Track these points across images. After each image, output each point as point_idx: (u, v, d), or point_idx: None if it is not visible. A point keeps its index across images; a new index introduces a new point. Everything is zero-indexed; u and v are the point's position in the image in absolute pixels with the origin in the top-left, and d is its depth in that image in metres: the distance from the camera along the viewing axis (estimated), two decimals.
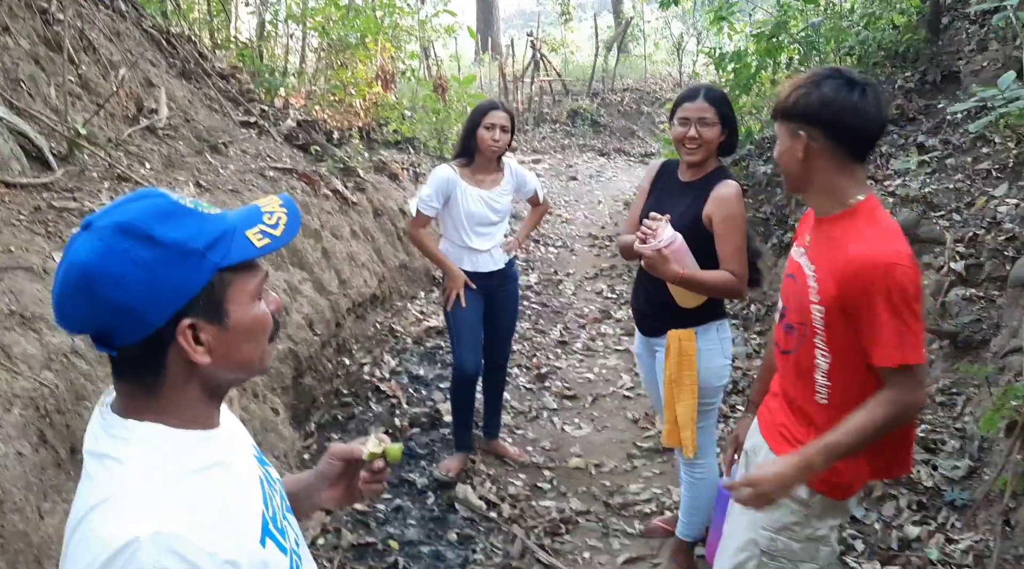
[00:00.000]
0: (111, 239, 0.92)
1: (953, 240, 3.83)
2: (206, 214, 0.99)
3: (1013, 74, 3.17)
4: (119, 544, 0.88)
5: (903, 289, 1.63)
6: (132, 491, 0.93)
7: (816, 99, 1.72)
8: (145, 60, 4.53)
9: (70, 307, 0.94)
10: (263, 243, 1.02)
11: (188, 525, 0.93)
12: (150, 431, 0.98)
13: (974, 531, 2.63)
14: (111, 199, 3.25)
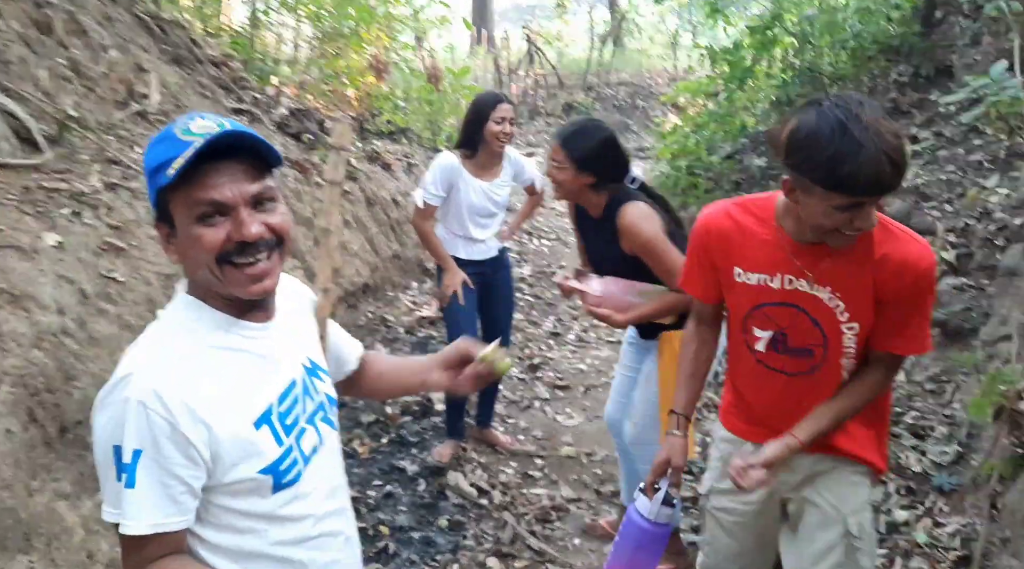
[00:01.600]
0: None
1: (945, 230, 3.85)
2: (175, 136, 1.12)
3: (1005, 63, 3.18)
4: (121, 373, 1.10)
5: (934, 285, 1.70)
6: (149, 338, 1.16)
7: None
8: (136, 45, 4.51)
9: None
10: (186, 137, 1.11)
11: (180, 377, 1.10)
12: (188, 303, 1.20)
13: (961, 515, 2.64)
14: (102, 182, 3.24)
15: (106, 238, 2.97)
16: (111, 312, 2.76)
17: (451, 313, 3.62)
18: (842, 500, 1.87)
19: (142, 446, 1.06)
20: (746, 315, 1.83)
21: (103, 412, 1.10)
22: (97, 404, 1.11)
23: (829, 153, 1.46)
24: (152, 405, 1.06)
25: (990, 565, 2.39)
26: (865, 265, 1.66)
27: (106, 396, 1.10)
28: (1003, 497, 2.51)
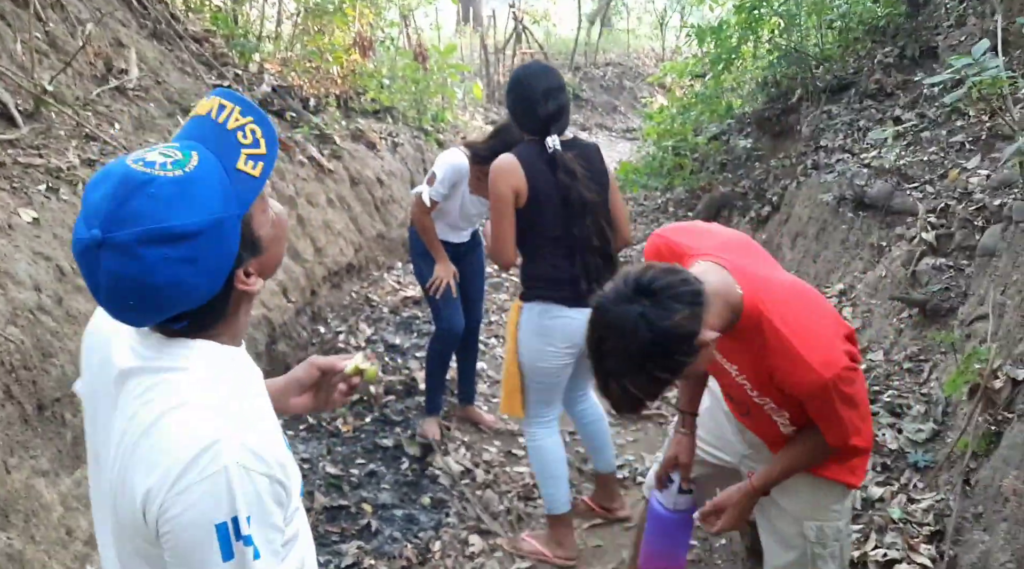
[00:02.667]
0: (144, 251, 0.92)
1: (925, 211, 3.87)
2: (193, 174, 0.96)
3: (987, 42, 3.18)
4: (203, 444, 0.96)
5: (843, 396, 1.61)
6: (202, 397, 1.01)
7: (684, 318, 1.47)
8: (115, 19, 4.44)
9: (137, 312, 0.98)
10: (259, 169, 1.02)
11: (255, 428, 1.03)
12: (206, 347, 1.05)
13: (935, 491, 2.68)
14: (79, 158, 3.19)
15: None
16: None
17: (438, 301, 3.62)
18: (802, 504, 1.90)
19: (250, 511, 0.97)
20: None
21: (192, 491, 0.95)
22: (173, 487, 0.95)
23: None
24: (251, 464, 0.98)
25: (962, 540, 2.43)
26: (761, 359, 1.62)
27: (188, 474, 0.95)
28: (976, 473, 2.55)
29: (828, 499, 1.89)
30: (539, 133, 2.65)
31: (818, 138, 5.75)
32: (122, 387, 1.05)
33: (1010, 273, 2.96)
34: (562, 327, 2.71)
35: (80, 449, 2.42)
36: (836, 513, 1.91)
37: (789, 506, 1.93)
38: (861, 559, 2.49)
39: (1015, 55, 4.45)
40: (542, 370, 2.80)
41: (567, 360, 2.80)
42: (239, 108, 1.02)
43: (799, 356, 1.54)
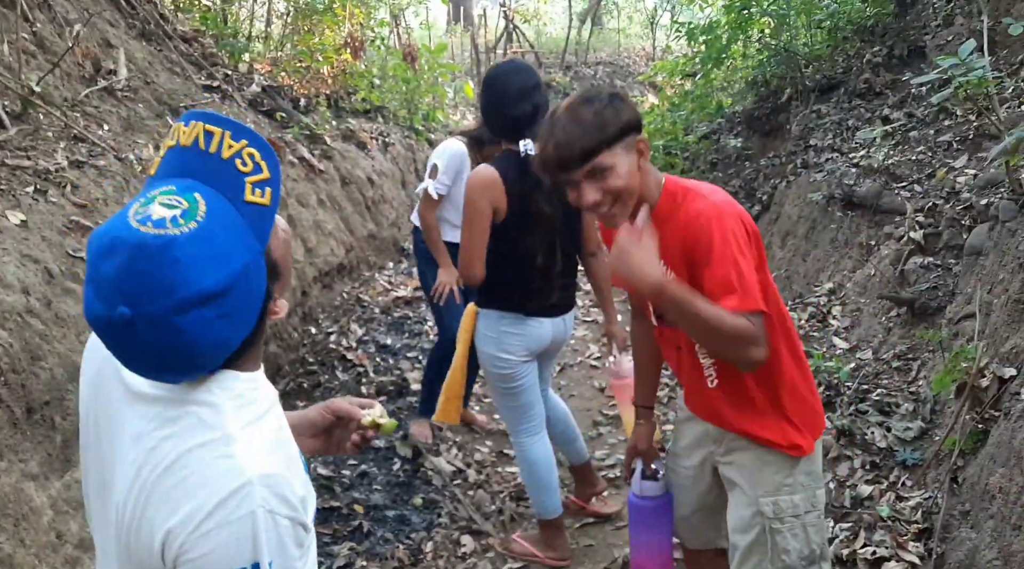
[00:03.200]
0: (179, 320, 0.88)
1: (913, 210, 3.90)
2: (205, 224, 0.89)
3: (973, 42, 3.21)
4: (233, 486, 0.93)
5: (731, 232, 1.66)
6: (231, 436, 0.97)
7: (622, 108, 1.69)
8: (103, 19, 4.42)
9: (179, 370, 0.95)
10: (267, 197, 0.96)
11: (282, 467, 0.99)
12: (230, 378, 1.01)
13: (923, 489, 2.70)
14: (67, 159, 3.18)
15: (72, 217, 2.93)
16: (78, 292, 2.72)
17: (442, 309, 3.61)
18: (753, 482, 1.90)
19: (272, 556, 0.94)
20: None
21: (216, 535, 0.92)
22: (197, 529, 0.92)
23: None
24: (278, 509, 0.95)
25: (950, 537, 2.45)
26: (678, 234, 1.72)
27: (214, 517, 0.92)
28: (963, 471, 2.57)
29: (773, 470, 1.87)
30: (511, 137, 2.57)
31: (807, 137, 5.78)
32: (134, 410, 1.00)
33: (997, 272, 2.98)
34: (519, 334, 2.69)
35: (70, 452, 2.42)
36: (789, 487, 1.87)
37: (743, 486, 1.93)
38: (850, 557, 2.51)
39: (1001, 55, 4.48)
40: (499, 376, 2.77)
41: (526, 367, 2.76)
42: (228, 132, 0.95)
43: (698, 194, 1.73)
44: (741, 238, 1.68)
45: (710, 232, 1.65)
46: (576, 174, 1.68)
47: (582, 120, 1.66)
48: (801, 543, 1.89)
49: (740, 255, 1.65)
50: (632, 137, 1.70)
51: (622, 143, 1.68)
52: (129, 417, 1.01)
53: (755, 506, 1.90)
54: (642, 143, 1.72)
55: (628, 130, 1.69)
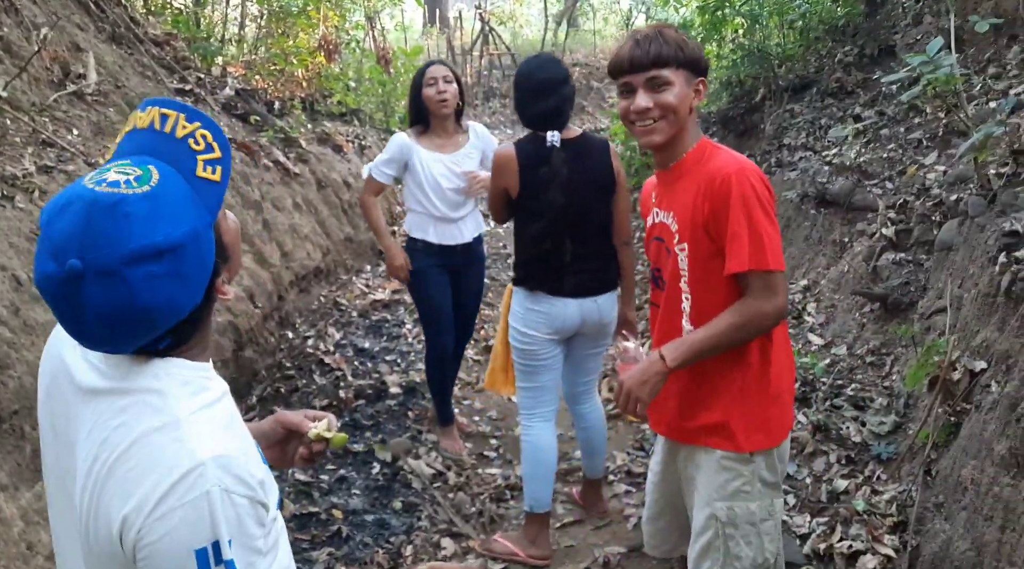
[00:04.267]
0: (130, 273, 0.89)
1: (885, 207, 3.94)
2: (159, 189, 0.94)
3: (941, 40, 3.25)
4: (184, 468, 0.94)
5: (755, 194, 1.71)
6: (181, 420, 0.98)
7: (699, 49, 1.83)
8: (71, 23, 4.35)
9: (129, 336, 0.95)
10: (218, 174, 1.01)
11: (234, 448, 1.00)
12: (178, 365, 1.03)
13: (898, 482, 2.73)
14: (35, 165, 3.13)
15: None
16: None
17: (429, 310, 3.59)
18: (710, 486, 1.89)
19: (231, 535, 0.95)
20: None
21: (171, 517, 0.93)
22: (151, 513, 0.93)
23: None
24: (234, 487, 0.96)
25: (924, 529, 2.48)
26: (695, 187, 1.79)
27: (168, 500, 0.93)
28: (937, 464, 2.60)
29: (731, 475, 1.86)
30: (540, 128, 2.71)
31: (781, 136, 5.83)
32: (87, 407, 1.01)
33: (967, 267, 3.02)
34: (544, 314, 2.77)
35: (39, 462, 2.37)
36: (745, 494, 1.86)
37: (700, 485, 1.93)
38: (827, 552, 2.53)
39: (969, 53, 4.55)
40: (521, 352, 2.86)
41: (550, 347, 2.84)
42: (183, 115, 1.00)
43: (727, 158, 1.80)
44: (762, 195, 1.73)
45: (729, 185, 1.72)
46: (639, 78, 1.79)
47: (666, 36, 1.79)
48: (755, 551, 1.87)
49: (761, 210, 1.71)
50: (695, 76, 1.81)
51: (688, 72, 1.80)
52: (83, 416, 1.01)
53: (710, 508, 1.89)
54: (702, 85, 1.84)
55: (697, 65, 1.81)
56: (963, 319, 2.88)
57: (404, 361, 4.66)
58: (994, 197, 3.06)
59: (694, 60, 1.80)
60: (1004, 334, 2.49)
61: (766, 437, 1.85)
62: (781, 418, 1.89)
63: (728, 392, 1.84)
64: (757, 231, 1.69)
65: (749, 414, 1.83)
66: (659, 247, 1.96)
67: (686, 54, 1.78)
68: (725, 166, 1.75)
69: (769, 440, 1.86)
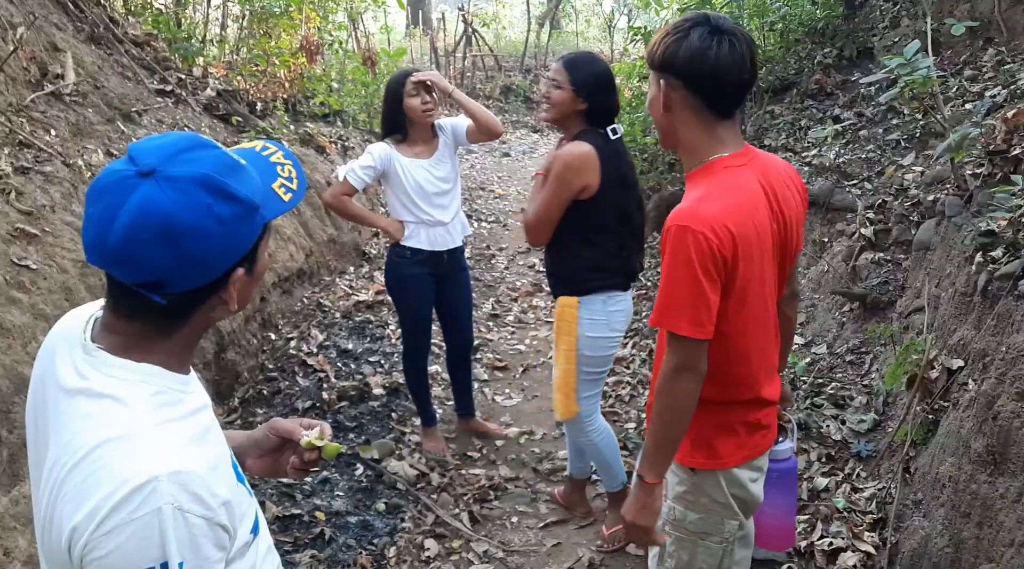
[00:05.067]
0: (194, 192, 0.94)
1: (864, 207, 3.98)
2: (245, 166, 1.03)
3: (918, 44, 3.29)
4: (136, 482, 0.91)
5: (685, 254, 1.56)
6: (141, 431, 0.95)
7: (680, 49, 1.65)
8: (49, 23, 4.31)
9: (143, 255, 0.94)
10: (288, 197, 1.09)
11: (197, 466, 0.96)
12: (151, 373, 1.01)
13: (877, 480, 2.76)
14: (11, 166, 3.10)
15: (17, 224, 2.85)
16: (24, 301, 2.65)
17: (406, 312, 3.58)
18: (668, 482, 1.87)
19: (183, 556, 0.92)
20: None
21: (119, 533, 0.90)
22: (99, 527, 0.90)
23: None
24: (188, 506, 0.93)
25: (903, 526, 2.51)
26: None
27: (117, 514, 0.90)
28: (915, 461, 2.63)
29: (676, 479, 1.84)
30: (605, 122, 2.74)
31: (762, 137, 5.88)
32: (62, 407, 1.00)
33: (944, 266, 3.06)
34: (622, 311, 2.81)
35: (16, 466, 2.35)
36: (687, 502, 1.83)
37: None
38: (808, 549, 2.55)
39: (945, 55, 4.61)
40: (601, 359, 2.85)
41: (618, 344, 2.89)
42: (281, 152, 1.13)
43: (694, 198, 1.65)
44: (698, 260, 1.56)
45: (666, 237, 1.61)
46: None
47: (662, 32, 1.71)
48: (686, 559, 1.86)
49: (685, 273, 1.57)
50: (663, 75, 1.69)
51: (655, 75, 1.71)
52: (60, 416, 1.00)
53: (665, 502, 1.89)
54: (666, 86, 1.69)
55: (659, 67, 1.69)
56: (940, 318, 2.91)
57: (387, 362, 4.65)
58: (970, 197, 3.10)
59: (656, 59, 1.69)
60: (980, 333, 2.53)
61: (707, 460, 1.81)
62: (729, 445, 1.81)
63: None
64: (670, 289, 1.60)
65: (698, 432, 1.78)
66: None
67: (651, 55, 1.70)
68: (671, 218, 1.62)
69: (711, 463, 1.80)
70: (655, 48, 1.69)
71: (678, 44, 1.66)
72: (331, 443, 1.31)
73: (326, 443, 1.30)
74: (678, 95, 1.68)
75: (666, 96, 1.69)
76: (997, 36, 4.40)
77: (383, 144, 3.40)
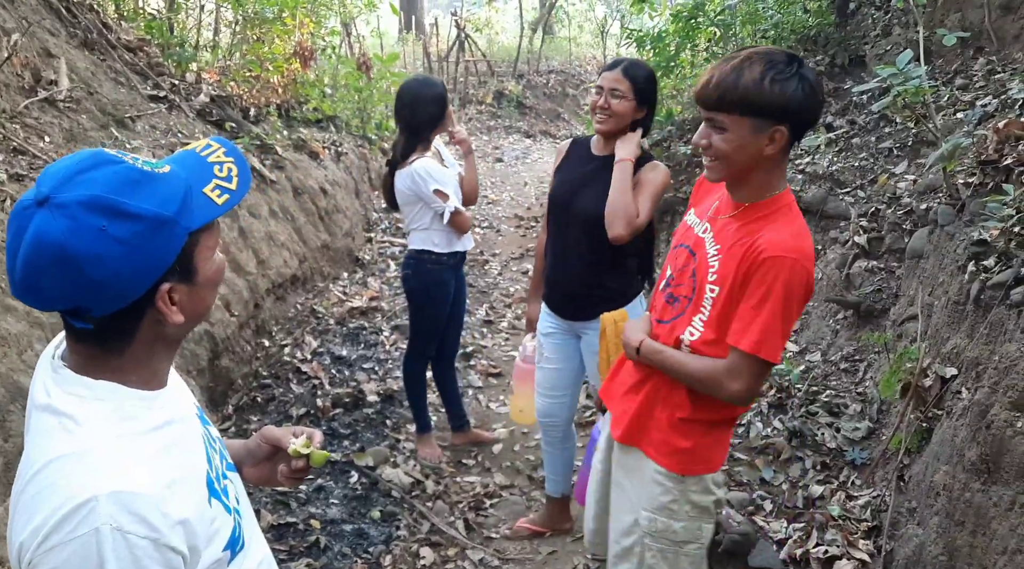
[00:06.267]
0: (84, 217, 0.90)
1: (857, 215, 4.01)
2: (161, 174, 0.97)
3: (910, 53, 3.32)
4: (77, 501, 0.89)
5: (794, 287, 1.61)
6: (90, 449, 0.94)
7: (794, 93, 1.58)
8: (42, 29, 4.29)
9: (47, 286, 0.92)
10: (223, 199, 1.03)
11: (145, 484, 0.94)
12: (108, 390, 0.99)
13: (872, 487, 2.77)
14: (6, 173, 3.08)
15: None
16: (20, 309, 2.64)
17: (429, 318, 3.57)
18: (640, 493, 1.90)
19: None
20: (669, 251, 1.96)
21: (59, 551, 0.89)
22: (41, 545, 0.89)
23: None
24: (130, 527, 0.90)
25: (898, 534, 2.52)
26: (748, 245, 1.68)
27: (58, 532, 0.89)
28: (910, 469, 2.65)
29: (660, 490, 1.86)
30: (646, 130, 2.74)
31: None
32: (32, 423, 1.01)
33: (936, 275, 3.08)
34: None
35: (12, 475, 2.33)
36: (671, 512, 1.86)
37: (629, 490, 1.93)
38: (803, 557, 2.56)
39: (937, 64, 4.65)
40: None
41: None
42: (224, 149, 1.07)
43: (792, 231, 1.65)
44: (796, 292, 1.62)
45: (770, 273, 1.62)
46: (703, 112, 1.67)
47: (742, 74, 1.59)
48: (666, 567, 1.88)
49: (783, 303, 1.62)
50: (771, 124, 1.60)
51: (755, 120, 1.60)
52: (30, 431, 1.01)
53: (635, 514, 1.90)
54: (779, 135, 1.61)
55: (770, 114, 1.59)
56: (934, 326, 2.93)
57: (382, 369, 4.65)
58: (963, 207, 3.13)
59: (763, 109, 1.59)
60: (973, 341, 2.55)
61: (700, 464, 1.85)
62: (719, 448, 1.87)
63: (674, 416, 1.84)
64: (764, 320, 1.63)
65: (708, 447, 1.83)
66: (686, 257, 1.86)
67: (752, 102, 1.59)
68: (775, 245, 1.62)
69: (703, 467, 1.85)
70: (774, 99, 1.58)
71: (786, 86, 1.57)
72: (318, 450, 1.30)
73: (313, 450, 1.30)
74: (784, 140, 1.62)
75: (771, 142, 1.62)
76: (987, 46, 4.44)
77: (426, 160, 3.32)
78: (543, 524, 3.22)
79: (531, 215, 8.50)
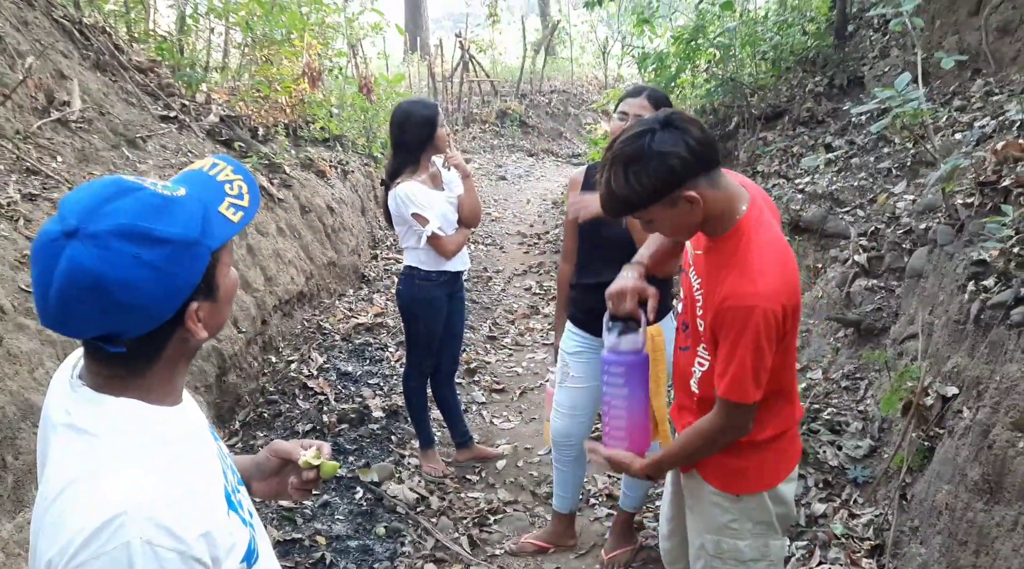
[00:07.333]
0: (117, 245, 0.93)
1: (857, 234, 4.05)
2: (179, 198, 1.00)
3: (909, 76, 3.38)
4: (106, 516, 0.91)
5: (753, 332, 1.62)
6: (115, 466, 0.96)
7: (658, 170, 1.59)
8: (56, 51, 4.37)
9: (83, 315, 0.94)
10: (238, 217, 1.06)
11: (170, 499, 0.96)
12: (129, 407, 1.01)
13: (874, 506, 2.79)
14: (19, 193, 3.14)
15: (25, 251, 2.89)
16: (31, 327, 2.68)
17: (422, 331, 3.61)
18: (701, 517, 1.94)
19: None
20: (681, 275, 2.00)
21: (91, 566, 0.90)
22: (71, 561, 0.91)
23: None
24: (159, 540, 0.92)
25: (900, 553, 2.54)
26: (717, 288, 1.70)
27: (88, 548, 0.91)
28: (912, 488, 2.66)
29: (719, 510, 1.89)
30: None
31: (755, 163, 5.96)
32: (51, 442, 1.03)
33: (936, 294, 3.12)
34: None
35: (21, 493, 2.36)
36: (733, 531, 1.88)
37: (693, 520, 1.98)
38: None
39: (935, 86, 4.71)
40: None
41: None
42: (231, 168, 1.10)
43: (750, 273, 1.64)
44: (765, 334, 1.63)
45: (734, 324, 1.64)
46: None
47: (611, 186, 1.65)
48: None
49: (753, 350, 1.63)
50: (671, 195, 1.62)
51: (659, 204, 1.64)
52: (50, 450, 1.03)
53: (700, 539, 1.94)
54: (688, 196, 1.62)
55: (661, 195, 1.62)
56: (934, 345, 2.96)
57: (387, 384, 4.68)
58: (962, 227, 3.17)
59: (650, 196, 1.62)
60: (974, 360, 2.57)
61: (753, 482, 1.87)
62: (775, 464, 1.89)
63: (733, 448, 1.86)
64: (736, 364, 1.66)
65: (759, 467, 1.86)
66: (686, 280, 1.91)
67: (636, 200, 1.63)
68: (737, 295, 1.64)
69: (756, 485, 1.87)
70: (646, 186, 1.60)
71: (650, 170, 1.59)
72: (328, 461, 1.33)
73: (323, 461, 1.32)
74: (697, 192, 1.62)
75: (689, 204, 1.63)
76: (985, 67, 4.50)
77: (412, 183, 3.36)
78: (548, 540, 3.24)
79: (534, 232, 8.56)
